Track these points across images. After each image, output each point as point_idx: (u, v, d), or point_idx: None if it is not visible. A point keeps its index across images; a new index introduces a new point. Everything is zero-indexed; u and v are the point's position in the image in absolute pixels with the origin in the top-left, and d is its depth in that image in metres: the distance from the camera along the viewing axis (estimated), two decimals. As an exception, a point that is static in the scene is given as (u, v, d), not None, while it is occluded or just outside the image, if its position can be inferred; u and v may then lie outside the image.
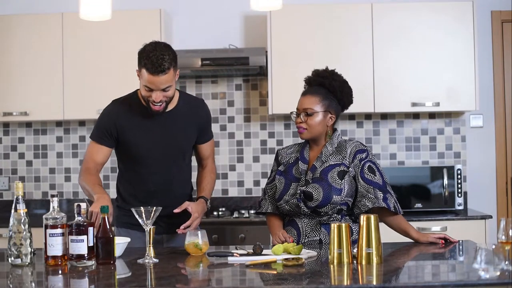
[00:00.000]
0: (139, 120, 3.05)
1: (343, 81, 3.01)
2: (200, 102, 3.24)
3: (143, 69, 2.90)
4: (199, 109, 3.20)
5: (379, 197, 2.88)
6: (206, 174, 3.26)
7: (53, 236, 2.51)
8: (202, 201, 3.13)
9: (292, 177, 2.99)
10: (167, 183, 3.09)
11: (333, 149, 2.98)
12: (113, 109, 3.10)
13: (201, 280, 2.45)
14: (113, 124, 3.04)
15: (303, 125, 2.95)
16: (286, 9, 3.73)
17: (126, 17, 4.55)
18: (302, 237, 2.95)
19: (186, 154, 3.19)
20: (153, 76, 2.88)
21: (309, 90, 3.01)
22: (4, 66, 4.63)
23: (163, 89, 2.91)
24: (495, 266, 2.12)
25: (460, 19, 4.54)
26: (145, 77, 2.90)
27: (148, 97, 2.95)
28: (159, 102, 2.94)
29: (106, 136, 3.06)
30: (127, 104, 3.10)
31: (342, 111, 3.04)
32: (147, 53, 2.90)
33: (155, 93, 2.91)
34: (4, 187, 4.97)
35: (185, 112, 3.12)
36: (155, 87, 2.90)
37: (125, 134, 3.04)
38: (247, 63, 4.51)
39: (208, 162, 3.28)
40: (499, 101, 4.90)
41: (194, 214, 3.00)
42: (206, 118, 3.23)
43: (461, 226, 4.29)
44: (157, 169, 3.07)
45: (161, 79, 2.89)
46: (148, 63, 2.87)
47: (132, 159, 3.09)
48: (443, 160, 4.86)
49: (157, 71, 2.86)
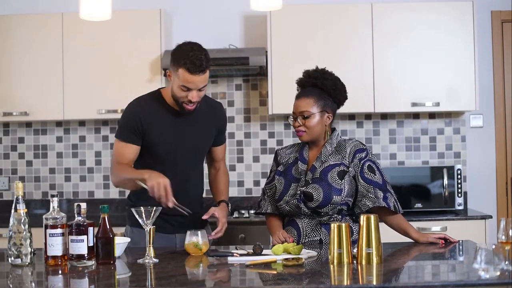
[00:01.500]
0: (163, 119, 3.05)
1: (335, 79, 3.00)
2: (219, 104, 3.27)
3: (182, 68, 2.89)
4: (218, 111, 3.23)
5: (379, 196, 2.88)
6: (221, 176, 3.31)
7: (53, 236, 2.51)
8: (224, 205, 3.18)
9: (292, 177, 2.99)
10: (183, 182, 3.08)
11: (332, 148, 2.98)
12: (137, 105, 3.08)
13: (201, 280, 2.46)
14: (139, 121, 3.02)
15: (302, 128, 2.95)
16: (286, 9, 3.73)
17: (126, 17, 4.55)
18: (303, 237, 2.95)
19: (203, 154, 3.20)
20: (193, 76, 2.88)
21: (303, 92, 3.00)
22: (4, 66, 4.63)
23: (199, 88, 2.93)
24: (495, 266, 2.12)
25: (460, 19, 4.54)
26: (183, 77, 2.89)
27: (183, 97, 2.94)
28: (193, 102, 2.95)
29: (133, 134, 3.03)
30: (151, 102, 3.09)
31: (338, 108, 3.04)
32: (186, 52, 2.90)
33: (192, 92, 2.92)
34: (4, 187, 4.97)
35: (206, 113, 3.14)
36: (193, 87, 2.91)
37: (149, 132, 3.03)
38: (247, 63, 4.51)
39: (221, 164, 3.32)
40: (499, 101, 4.90)
41: (222, 219, 3.05)
42: (224, 120, 3.27)
43: (461, 226, 4.29)
44: (175, 168, 3.06)
45: (200, 79, 2.90)
46: (188, 63, 2.87)
47: (152, 158, 3.06)
48: (443, 160, 4.86)
49: (198, 70, 2.87)
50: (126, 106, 3.10)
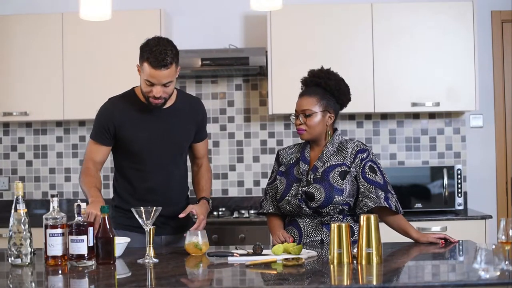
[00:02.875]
0: (137, 116, 3.05)
1: (339, 80, 3.01)
2: (197, 100, 3.26)
3: (145, 63, 2.90)
4: (196, 107, 3.21)
5: (380, 196, 2.88)
6: (203, 173, 3.27)
7: (53, 236, 2.51)
8: (204, 202, 3.14)
9: (294, 177, 2.99)
10: (166, 180, 3.09)
11: (334, 149, 2.98)
12: (110, 106, 3.09)
13: (201, 280, 2.45)
14: (110, 121, 3.03)
15: (303, 127, 2.95)
16: (286, 9, 3.73)
17: (126, 17, 4.55)
18: (304, 237, 2.95)
19: (184, 151, 3.19)
20: (155, 70, 2.87)
21: (306, 91, 3.01)
22: (4, 66, 4.64)
23: (164, 84, 2.91)
24: (495, 266, 2.12)
25: (460, 19, 4.54)
26: (146, 71, 2.90)
27: (148, 92, 2.94)
28: (159, 97, 2.94)
29: (104, 135, 3.05)
30: (124, 100, 3.09)
31: (341, 109, 3.05)
32: (150, 47, 2.90)
33: (156, 87, 2.91)
34: (4, 187, 4.97)
35: (183, 110, 3.13)
36: (156, 82, 2.90)
37: (123, 130, 3.03)
38: (247, 63, 4.51)
39: (203, 161, 3.29)
40: (499, 101, 4.90)
41: (199, 216, 3.01)
42: (203, 116, 3.24)
43: (461, 226, 4.29)
44: (156, 166, 3.06)
45: (163, 74, 2.89)
46: (151, 57, 2.87)
47: (131, 156, 3.07)
48: (443, 160, 4.86)
49: (160, 65, 2.86)
50: (101, 106, 3.11)
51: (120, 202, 3.12)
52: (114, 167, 3.20)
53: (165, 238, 3.12)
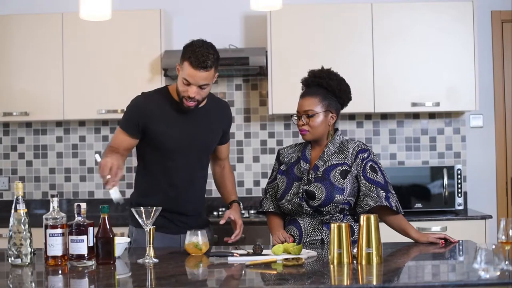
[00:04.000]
0: (169, 113, 3.06)
1: (340, 79, 3.01)
2: (226, 104, 3.30)
3: (186, 62, 2.92)
4: (225, 111, 3.26)
5: (381, 196, 2.89)
6: (228, 175, 3.35)
7: (53, 236, 2.51)
8: (237, 206, 3.22)
9: (294, 176, 2.99)
10: (190, 178, 3.10)
11: (335, 148, 2.99)
12: (143, 100, 3.11)
13: (201, 280, 2.45)
14: (141, 115, 3.04)
15: (306, 127, 2.96)
16: (286, 9, 3.73)
17: (126, 17, 4.55)
18: (304, 236, 2.95)
19: (210, 152, 3.22)
20: (195, 70, 2.90)
21: (307, 91, 3.02)
22: (4, 66, 4.64)
23: (200, 86, 2.94)
24: (495, 266, 2.12)
25: (460, 19, 4.53)
26: (186, 70, 2.92)
27: (184, 91, 2.96)
28: (193, 98, 2.96)
29: (132, 127, 3.05)
30: (157, 96, 3.11)
31: (341, 108, 3.05)
32: (194, 47, 2.93)
33: (192, 88, 2.93)
34: (4, 187, 4.97)
35: (213, 111, 3.15)
36: (193, 82, 2.92)
37: (154, 125, 3.03)
38: (247, 63, 4.51)
39: (226, 163, 3.36)
40: (499, 101, 4.90)
41: (238, 221, 3.12)
42: (230, 120, 3.30)
43: (461, 226, 4.29)
44: (182, 164, 3.07)
45: (201, 75, 2.91)
46: (193, 57, 2.90)
47: (157, 152, 3.07)
48: (443, 160, 4.86)
49: (200, 66, 2.90)
50: (133, 99, 3.12)
51: (140, 198, 3.08)
52: (138, 163, 3.18)
53: (183, 236, 3.10)
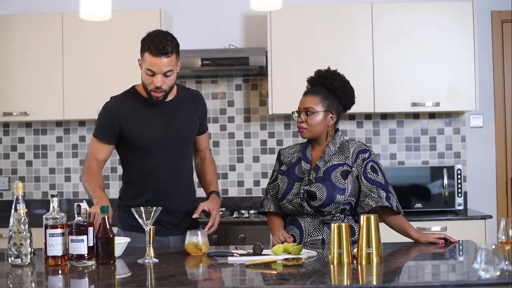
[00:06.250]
0: (141, 112, 3.06)
1: (344, 81, 3.02)
2: (197, 93, 3.29)
3: (146, 52, 2.93)
4: (197, 100, 3.24)
5: (382, 196, 2.89)
6: (208, 166, 3.29)
7: (53, 236, 2.51)
8: (214, 197, 3.16)
9: (295, 176, 2.99)
10: (175, 173, 3.08)
11: (335, 149, 2.99)
12: (114, 104, 3.10)
13: (201, 280, 2.45)
14: (115, 119, 3.03)
15: (304, 125, 2.97)
16: (286, 9, 3.73)
17: (126, 17, 4.55)
18: (305, 236, 2.95)
19: (189, 143, 3.19)
20: (156, 58, 2.91)
21: (310, 90, 3.03)
22: (4, 66, 4.64)
23: (164, 73, 2.94)
24: (495, 266, 2.12)
25: (460, 19, 4.54)
26: (147, 61, 2.93)
27: (149, 83, 2.96)
28: (160, 88, 2.95)
29: (107, 133, 3.05)
30: (126, 98, 3.11)
31: (344, 111, 3.05)
32: (151, 37, 2.95)
33: (157, 77, 2.93)
34: (4, 187, 4.97)
35: (185, 103, 3.15)
36: (157, 70, 2.92)
37: (128, 126, 3.03)
38: (247, 63, 4.51)
39: (206, 153, 3.32)
40: (499, 101, 4.90)
41: (212, 212, 3.04)
42: (204, 109, 3.27)
43: (461, 226, 4.29)
44: (164, 159, 3.06)
45: (163, 62, 2.91)
46: (152, 46, 2.91)
47: (138, 151, 3.06)
48: (443, 160, 4.86)
49: (160, 53, 2.90)
50: (102, 106, 3.12)
51: (129, 202, 3.07)
52: (122, 166, 3.18)
53: (172, 238, 3.11)
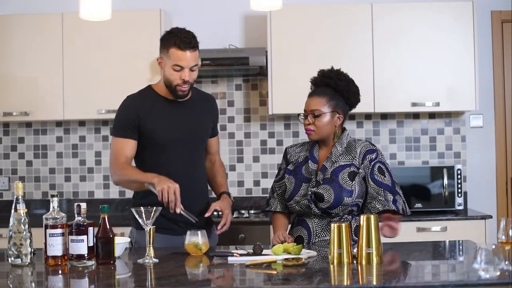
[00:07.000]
0: (157, 109, 3.08)
1: (349, 80, 3.01)
2: (211, 97, 3.32)
3: (173, 48, 2.96)
4: (211, 103, 3.28)
5: (389, 199, 2.89)
6: (218, 168, 3.32)
7: (53, 236, 2.51)
8: (226, 197, 3.20)
9: (303, 177, 2.99)
10: (190, 173, 3.08)
11: (342, 149, 2.98)
12: (131, 101, 3.12)
13: (201, 280, 2.45)
14: (134, 114, 3.05)
15: (311, 127, 2.96)
16: (286, 9, 3.73)
17: (126, 17, 4.55)
18: (313, 237, 2.95)
19: (203, 144, 3.20)
20: (184, 52, 2.95)
21: (315, 91, 3.02)
22: (4, 66, 4.63)
23: (191, 68, 2.98)
24: (495, 266, 2.12)
25: (460, 19, 4.53)
26: (175, 56, 2.96)
27: (175, 79, 2.99)
28: (187, 82, 2.98)
29: (129, 128, 3.05)
30: (143, 95, 3.14)
31: (350, 110, 3.05)
32: (175, 33, 2.99)
33: (185, 71, 2.97)
34: (4, 187, 4.97)
35: (199, 104, 3.17)
36: (185, 64, 2.96)
37: (147, 122, 3.04)
38: (247, 63, 4.51)
39: (216, 157, 3.35)
40: (499, 101, 4.90)
41: (225, 211, 3.09)
42: (217, 113, 3.32)
43: (461, 226, 4.28)
44: (178, 158, 3.07)
45: (191, 55, 2.97)
46: (178, 41, 2.95)
47: (153, 148, 3.07)
48: (443, 160, 4.86)
49: (188, 47, 2.95)
50: (120, 104, 3.13)
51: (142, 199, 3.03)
52: (136, 165, 3.15)
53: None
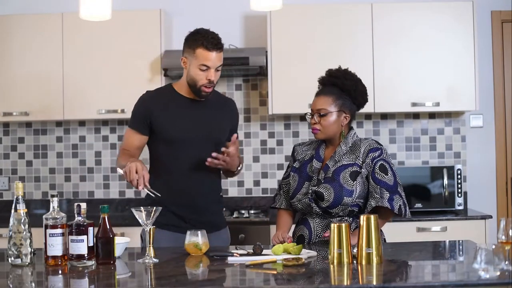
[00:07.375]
0: (173, 106, 3.09)
1: (356, 80, 3.01)
2: (231, 100, 3.32)
3: (200, 48, 2.98)
4: (231, 106, 3.28)
5: (384, 197, 2.86)
6: None
7: (53, 236, 2.51)
8: None
9: (306, 175, 2.99)
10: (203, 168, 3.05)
11: (347, 148, 2.98)
12: (148, 96, 3.15)
13: (201, 280, 2.45)
14: (148, 109, 3.07)
15: (317, 126, 2.96)
16: (286, 9, 3.74)
17: (126, 17, 4.55)
18: (314, 237, 2.95)
19: (219, 144, 3.16)
20: (211, 53, 2.97)
21: (322, 90, 3.02)
22: (4, 66, 4.64)
23: (216, 68, 2.99)
24: (495, 266, 2.12)
25: (460, 19, 4.54)
26: (202, 56, 2.98)
27: (200, 79, 3.00)
28: (212, 82, 3.00)
29: (142, 123, 3.08)
30: (160, 92, 3.16)
31: (357, 110, 3.05)
32: (202, 34, 3.01)
33: (211, 71, 2.99)
34: (4, 187, 4.97)
35: (218, 105, 3.18)
36: (212, 64, 2.98)
37: (160, 117, 3.06)
38: (247, 63, 4.51)
39: None
40: (499, 101, 4.90)
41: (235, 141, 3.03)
42: (237, 116, 3.32)
43: (461, 226, 4.29)
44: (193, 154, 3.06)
45: (218, 56, 2.99)
46: (206, 41, 2.97)
47: (167, 144, 3.08)
48: (443, 160, 4.86)
49: (216, 47, 2.98)
50: (138, 99, 3.16)
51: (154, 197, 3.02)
52: (150, 162, 3.16)
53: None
